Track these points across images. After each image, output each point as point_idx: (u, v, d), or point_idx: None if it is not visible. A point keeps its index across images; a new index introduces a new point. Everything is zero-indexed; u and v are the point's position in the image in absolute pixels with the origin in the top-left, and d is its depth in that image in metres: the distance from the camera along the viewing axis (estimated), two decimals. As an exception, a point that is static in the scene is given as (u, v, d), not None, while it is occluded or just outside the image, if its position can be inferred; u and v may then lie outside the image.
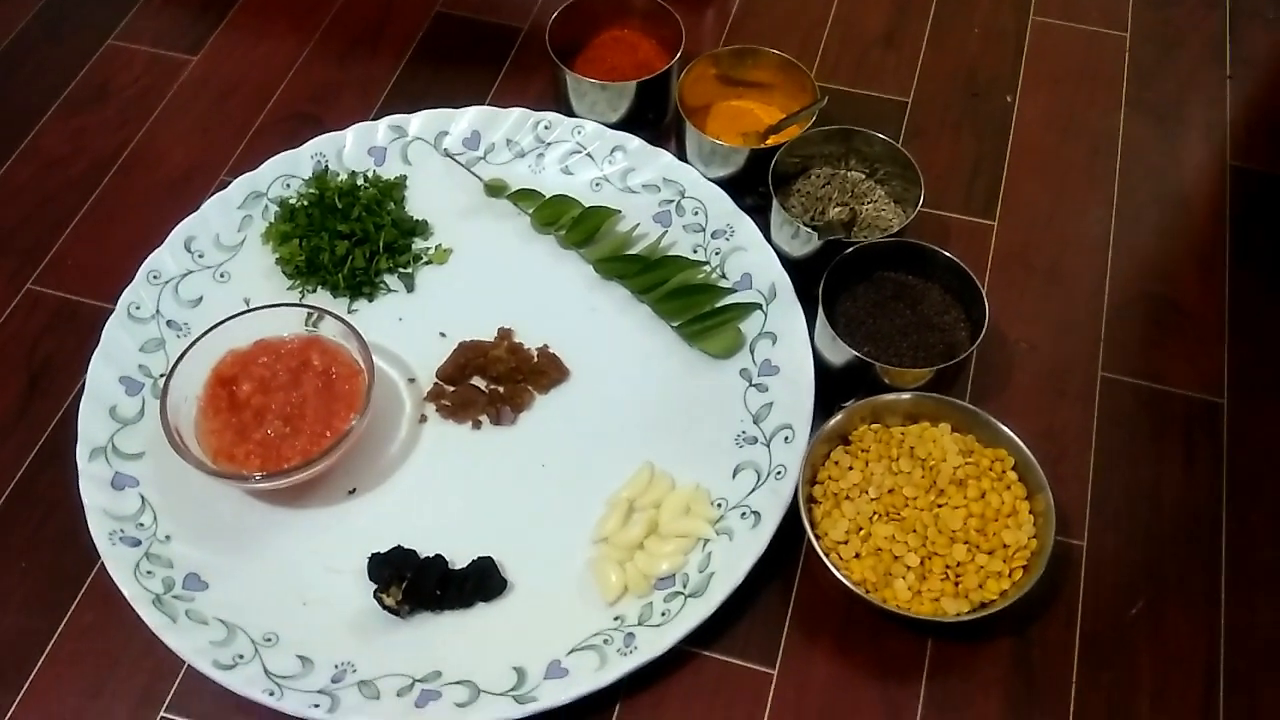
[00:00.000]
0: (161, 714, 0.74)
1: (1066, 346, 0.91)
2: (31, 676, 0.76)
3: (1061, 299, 0.94)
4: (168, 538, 0.79)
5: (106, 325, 0.87)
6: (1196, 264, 0.96)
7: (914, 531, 0.76)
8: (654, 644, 0.74)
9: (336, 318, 0.84)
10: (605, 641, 0.74)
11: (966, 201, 0.99)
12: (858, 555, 0.76)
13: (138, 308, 0.89)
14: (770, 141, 0.96)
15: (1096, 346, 0.91)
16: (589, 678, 0.72)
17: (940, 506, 0.77)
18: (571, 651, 0.74)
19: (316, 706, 0.71)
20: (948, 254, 0.85)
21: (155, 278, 0.90)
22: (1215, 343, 0.91)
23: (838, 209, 0.92)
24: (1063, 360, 0.90)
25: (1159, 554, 0.81)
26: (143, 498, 0.80)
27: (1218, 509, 0.83)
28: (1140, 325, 0.92)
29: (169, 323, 0.89)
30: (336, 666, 0.74)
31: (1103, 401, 0.88)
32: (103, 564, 0.77)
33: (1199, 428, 0.87)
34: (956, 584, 0.75)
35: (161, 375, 0.85)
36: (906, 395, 0.82)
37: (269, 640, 0.75)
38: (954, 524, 0.76)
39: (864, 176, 0.94)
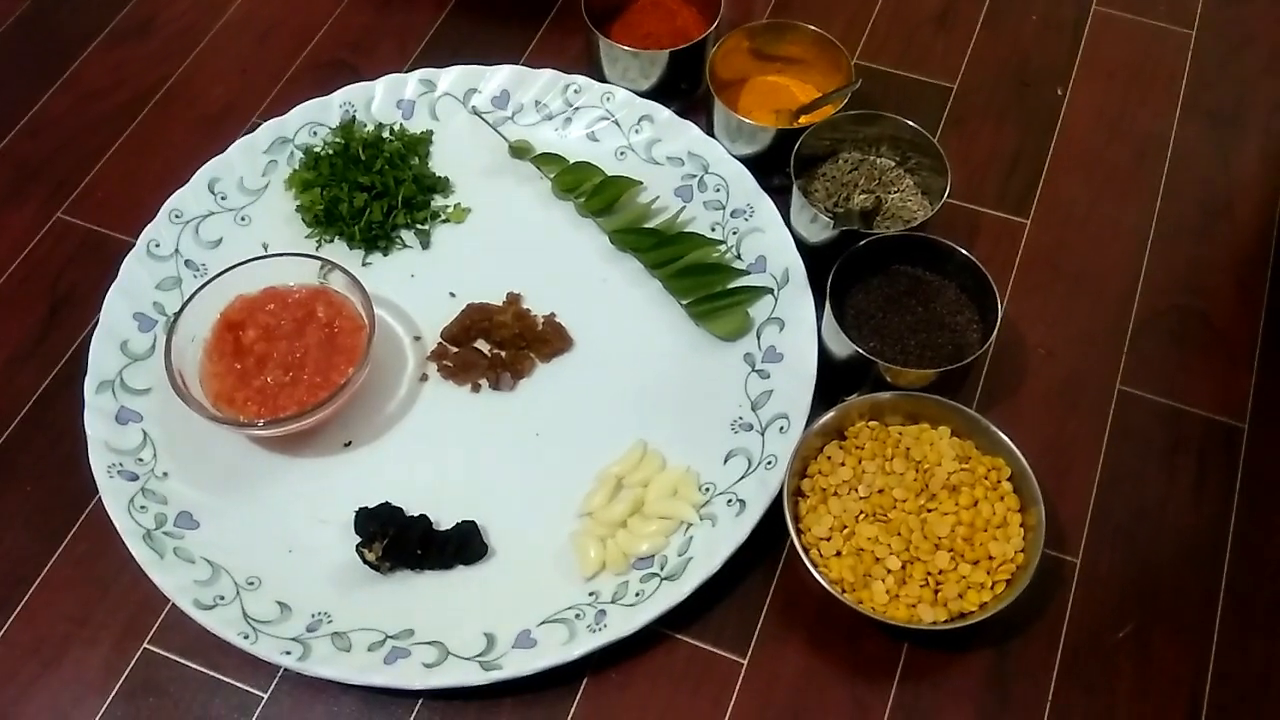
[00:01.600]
0: (144, 645, 0.77)
1: (1086, 356, 0.88)
2: (26, 598, 0.78)
3: (1087, 306, 0.90)
4: (165, 475, 0.81)
5: (125, 261, 0.88)
6: (1235, 281, 0.92)
7: (898, 535, 0.75)
8: (624, 623, 0.74)
9: (344, 271, 0.84)
10: (577, 616, 0.75)
11: (1001, 196, 0.96)
12: (839, 554, 0.75)
13: (157, 245, 0.90)
14: (801, 121, 0.94)
15: (1118, 358, 0.88)
16: (556, 650, 0.73)
17: (929, 511, 0.76)
18: (542, 623, 0.75)
19: (288, 654, 0.72)
20: (965, 252, 0.82)
21: (177, 216, 0.91)
22: (1244, 364, 0.87)
23: (862, 196, 0.90)
24: (1081, 370, 0.87)
25: (1155, 578, 0.79)
26: (145, 433, 0.82)
27: (1223, 538, 0.80)
28: (1167, 339, 0.89)
29: (187, 262, 0.90)
30: (313, 616, 0.75)
31: (1117, 416, 0.85)
32: (100, 495, 0.79)
33: (1215, 451, 0.84)
34: (936, 592, 0.74)
35: (174, 314, 0.86)
36: (909, 394, 0.80)
37: (251, 584, 0.76)
38: (941, 530, 0.75)
39: (894, 164, 0.92)
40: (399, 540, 0.77)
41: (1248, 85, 1.03)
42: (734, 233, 0.91)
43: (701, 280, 0.88)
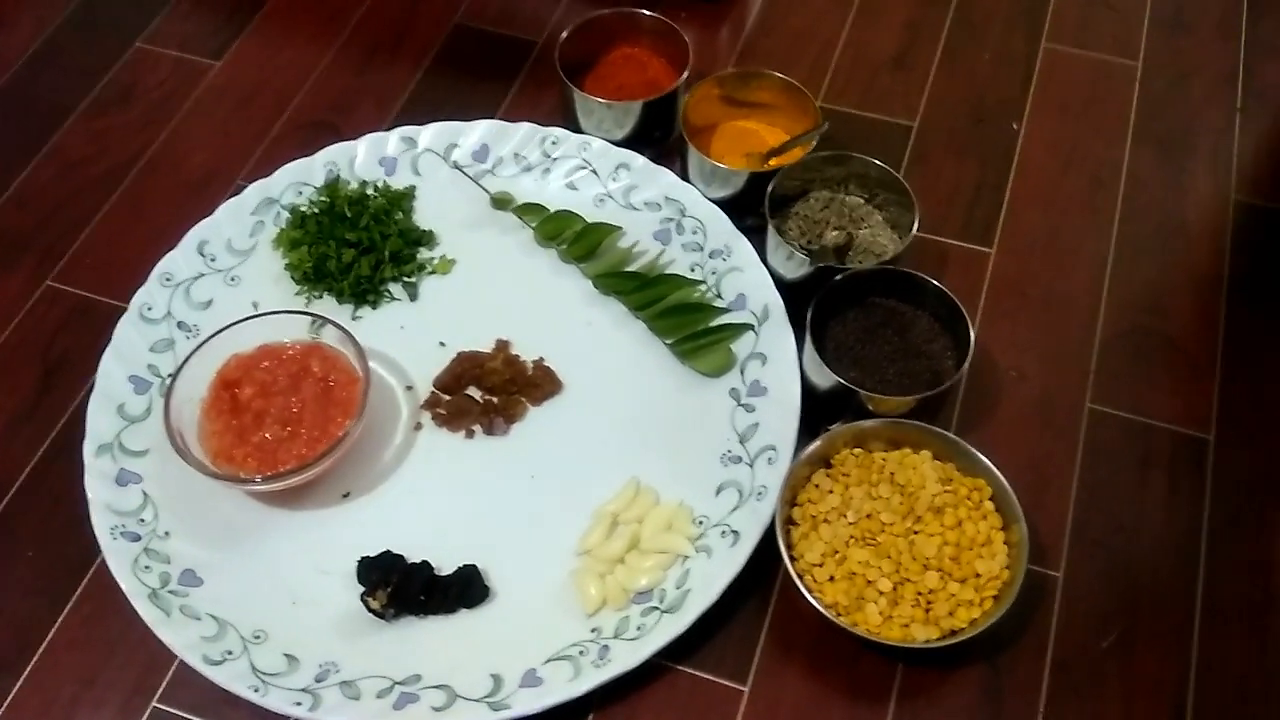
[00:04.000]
0: (154, 704, 0.77)
1: (1056, 377, 0.92)
2: (33, 662, 0.79)
3: (1054, 329, 0.94)
4: (167, 534, 0.82)
5: (118, 325, 0.90)
6: (1193, 299, 0.96)
7: (888, 557, 0.77)
8: (627, 657, 0.75)
9: (336, 325, 0.86)
10: (581, 653, 0.76)
11: (965, 228, 1.00)
12: (832, 578, 0.78)
13: (150, 308, 0.92)
14: (772, 164, 0.97)
15: (1086, 378, 0.91)
16: (562, 688, 0.74)
17: (916, 533, 0.78)
18: (548, 661, 0.76)
19: (299, 704, 0.73)
20: (936, 283, 0.86)
21: (168, 279, 0.93)
22: (1206, 379, 0.91)
23: (835, 233, 0.94)
24: (1051, 390, 0.91)
25: (1135, 587, 0.82)
26: (145, 494, 0.83)
27: (1196, 545, 0.83)
28: (1132, 358, 0.93)
29: (179, 324, 0.92)
30: (321, 666, 0.76)
31: (1089, 433, 0.89)
32: (104, 556, 0.80)
33: (1184, 463, 0.87)
34: (927, 611, 0.76)
35: (170, 375, 0.88)
36: (890, 421, 0.83)
37: (258, 638, 0.77)
38: (929, 551, 0.77)
39: (863, 201, 0.96)
40: (402, 587, 0.78)
41: (1194, 112, 1.08)
42: (713, 273, 0.94)
43: (684, 320, 0.91)
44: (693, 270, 0.95)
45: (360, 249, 0.95)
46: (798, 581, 0.76)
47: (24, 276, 0.98)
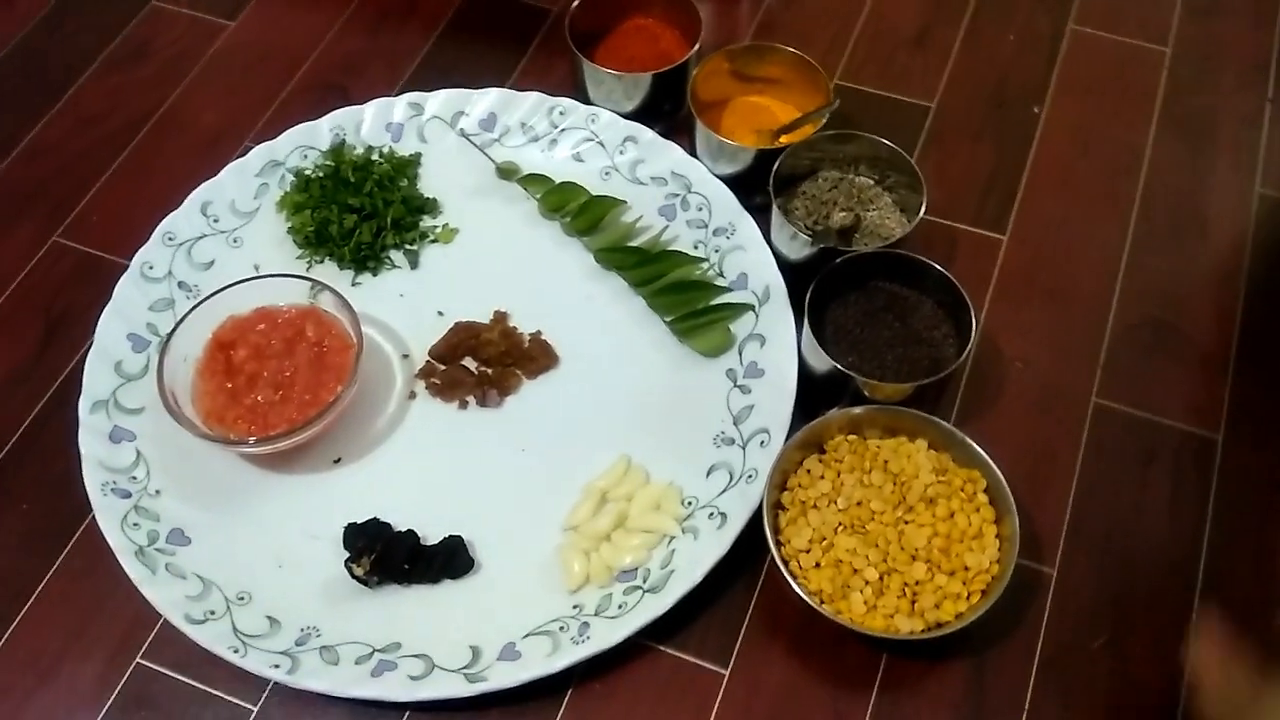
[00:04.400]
0: (137, 660, 0.78)
1: (1063, 369, 0.90)
2: (22, 613, 0.80)
3: (1064, 320, 0.92)
4: (158, 492, 0.82)
5: (119, 283, 0.90)
6: (1209, 293, 0.93)
7: (876, 546, 0.76)
8: (607, 635, 0.75)
9: (333, 291, 0.86)
10: (561, 628, 0.76)
11: (978, 213, 0.98)
12: (818, 565, 0.76)
13: (151, 267, 0.92)
14: (782, 141, 0.96)
15: (1094, 371, 0.89)
16: (540, 663, 0.74)
17: (907, 523, 0.77)
18: (527, 635, 0.76)
19: (276, 667, 0.74)
20: (940, 268, 0.84)
21: (170, 239, 0.93)
22: (1218, 376, 0.89)
23: (842, 214, 0.92)
24: (1057, 382, 0.89)
25: (1130, 589, 0.80)
26: (138, 452, 0.84)
27: (1198, 549, 0.81)
28: (1142, 352, 0.90)
29: (180, 284, 0.92)
30: (302, 630, 0.77)
31: (1093, 428, 0.87)
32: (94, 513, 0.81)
33: (1189, 462, 0.85)
34: (913, 602, 0.75)
35: (166, 335, 0.88)
36: (887, 408, 0.81)
37: (241, 599, 0.78)
38: (918, 542, 0.76)
39: (872, 182, 0.94)
40: (387, 555, 0.78)
41: (1222, 101, 1.04)
42: (716, 251, 0.93)
43: (684, 298, 0.90)
44: (696, 247, 0.94)
45: (363, 215, 0.94)
46: (782, 567, 0.75)
47: (31, 231, 0.98)
